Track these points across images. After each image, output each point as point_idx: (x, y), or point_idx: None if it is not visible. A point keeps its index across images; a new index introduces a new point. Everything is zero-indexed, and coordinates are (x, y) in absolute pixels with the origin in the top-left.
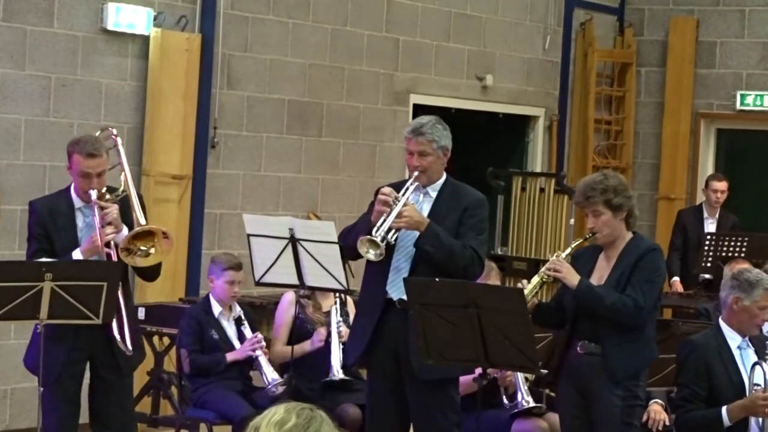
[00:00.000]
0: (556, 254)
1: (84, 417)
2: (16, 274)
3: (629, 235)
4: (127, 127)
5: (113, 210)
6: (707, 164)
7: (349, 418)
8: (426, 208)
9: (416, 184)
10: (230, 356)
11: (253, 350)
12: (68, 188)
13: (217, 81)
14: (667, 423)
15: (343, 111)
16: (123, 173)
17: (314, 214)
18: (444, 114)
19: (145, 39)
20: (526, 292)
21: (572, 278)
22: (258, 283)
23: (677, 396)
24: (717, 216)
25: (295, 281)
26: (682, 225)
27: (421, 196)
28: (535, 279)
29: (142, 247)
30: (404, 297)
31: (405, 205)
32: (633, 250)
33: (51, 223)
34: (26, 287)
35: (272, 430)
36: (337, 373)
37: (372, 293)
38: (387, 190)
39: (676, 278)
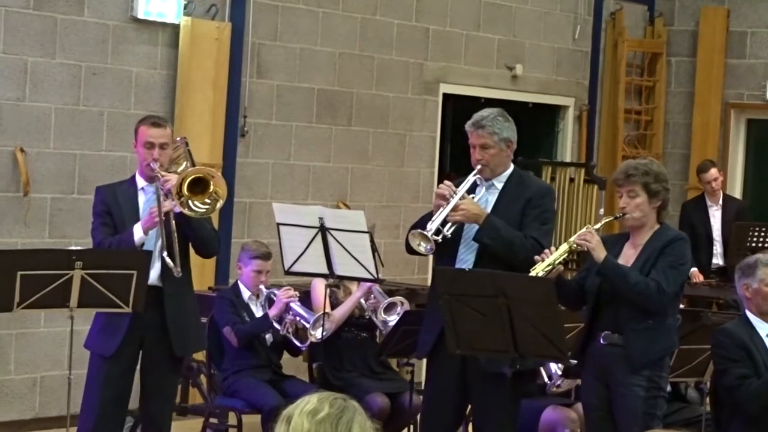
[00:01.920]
0: (587, 227)
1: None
2: (47, 262)
3: (657, 226)
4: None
5: (173, 179)
6: (737, 154)
7: (377, 407)
8: (491, 201)
9: (478, 176)
10: (272, 312)
11: (287, 298)
12: (134, 175)
13: (246, 70)
14: None
15: (373, 100)
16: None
17: (344, 203)
18: (473, 103)
19: (175, 28)
20: (551, 258)
21: (600, 252)
22: (287, 272)
23: (730, 378)
24: (720, 202)
25: (324, 270)
26: (687, 217)
27: (483, 188)
28: (564, 246)
29: (199, 204)
30: None
31: (462, 198)
32: (660, 238)
33: (113, 201)
34: (56, 275)
35: (305, 419)
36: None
37: None
38: (446, 183)
39: (694, 268)
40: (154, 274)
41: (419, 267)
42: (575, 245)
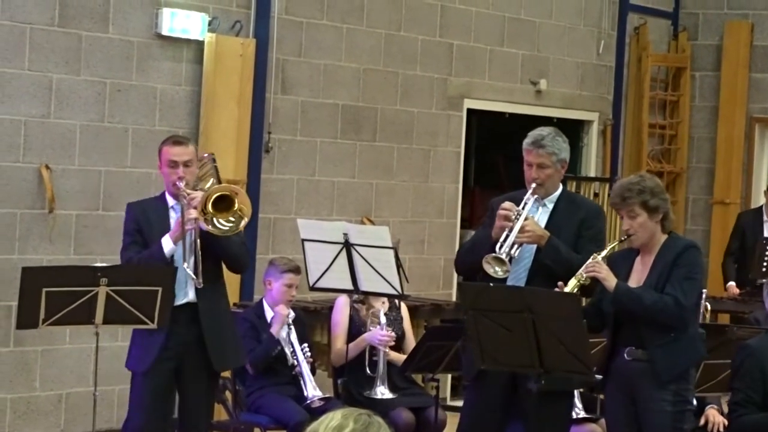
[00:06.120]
0: (593, 256)
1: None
2: (72, 279)
3: (664, 237)
4: (181, 132)
5: (198, 196)
6: (762, 168)
7: (402, 422)
8: (543, 220)
9: (535, 196)
10: (274, 329)
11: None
12: (163, 192)
13: (271, 86)
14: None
15: (397, 116)
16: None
17: (368, 218)
18: (498, 119)
19: (200, 44)
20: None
21: (610, 281)
22: (312, 288)
23: (731, 400)
24: None
25: (349, 286)
26: (741, 228)
27: (539, 207)
28: (573, 281)
29: (224, 222)
30: None
31: (525, 219)
32: (670, 249)
33: (144, 219)
34: (82, 292)
35: None
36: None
37: None
38: (508, 204)
39: (732, 282)
40: (190, 291)
41: (444, 282)
42: (584, 277)
